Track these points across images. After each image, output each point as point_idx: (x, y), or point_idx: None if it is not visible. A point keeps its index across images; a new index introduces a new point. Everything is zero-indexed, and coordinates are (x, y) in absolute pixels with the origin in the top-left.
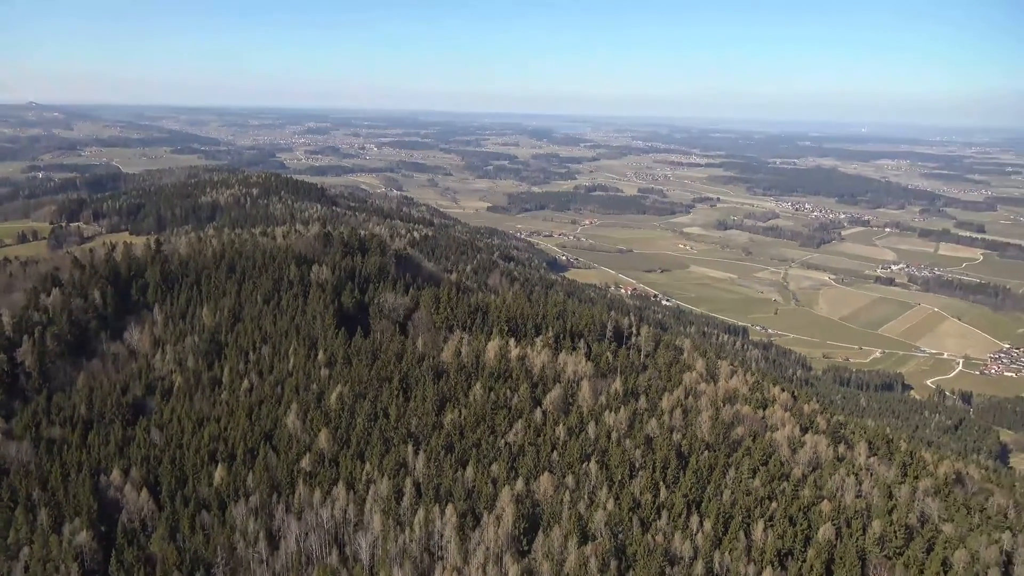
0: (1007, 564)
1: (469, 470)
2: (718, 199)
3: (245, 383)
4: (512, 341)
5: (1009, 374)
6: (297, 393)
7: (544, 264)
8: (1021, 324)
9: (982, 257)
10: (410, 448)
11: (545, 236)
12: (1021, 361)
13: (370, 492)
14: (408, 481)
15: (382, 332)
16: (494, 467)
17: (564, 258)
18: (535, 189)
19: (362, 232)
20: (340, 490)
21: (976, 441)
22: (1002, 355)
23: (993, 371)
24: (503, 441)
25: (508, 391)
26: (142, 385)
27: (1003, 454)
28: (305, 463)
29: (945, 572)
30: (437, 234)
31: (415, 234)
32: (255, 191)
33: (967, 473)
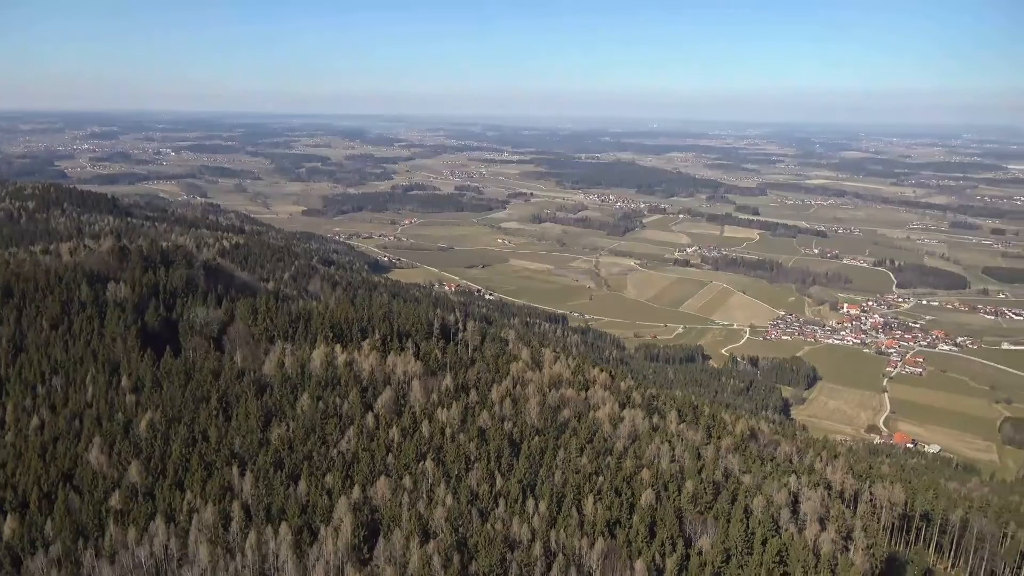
0: (794, 503)
1: (302, 484)
2: (531, 194)
3: (35, 420)
4: (338, 347)
5: (785, 337)
6: (99, 425)
7: (366, 266)
8: (792, 293)
9: (759, 236)
10: (235, 469)
11: (365, 238)
12: (794, 326)
13: (193, 522)
14: (236, 504)
15: (195, 350)
16: (328, 478)
17: (386, 259)
18: (351, 191)
19: (164, 244)
20: (159, 524)
21: (764, 399)
22: (779, 321)
23: (773, 336)
24: (336, 450)
25: (337, 398)
26: None
27: (785, 408)
28: (115, 500)
29: (747, 518)
30: (249, 241)
31: (225, 243)
32: (31, 204)
33: (759, 428)
